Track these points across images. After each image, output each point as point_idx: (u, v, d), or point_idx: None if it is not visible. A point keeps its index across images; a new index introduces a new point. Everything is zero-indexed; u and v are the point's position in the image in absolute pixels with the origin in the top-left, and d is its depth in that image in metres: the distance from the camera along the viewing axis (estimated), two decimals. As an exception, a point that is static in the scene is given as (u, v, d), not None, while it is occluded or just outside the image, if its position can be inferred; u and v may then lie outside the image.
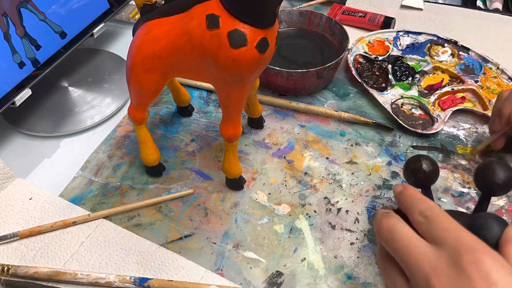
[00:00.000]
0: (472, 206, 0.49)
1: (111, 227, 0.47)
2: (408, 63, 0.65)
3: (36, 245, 0.46)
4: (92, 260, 0.44)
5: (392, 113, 0.57)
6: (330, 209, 0.49)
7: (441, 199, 0.49)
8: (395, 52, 0.66)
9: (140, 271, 0.43)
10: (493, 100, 0.59)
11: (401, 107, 0.59)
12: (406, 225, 0.32)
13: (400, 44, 0.67)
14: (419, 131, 0.55)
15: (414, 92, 0.61)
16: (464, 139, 0.56)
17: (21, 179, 0.51)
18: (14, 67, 0.52)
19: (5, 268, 0.43)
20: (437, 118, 0.57)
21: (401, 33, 0.68)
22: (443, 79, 0.63)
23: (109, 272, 0.44)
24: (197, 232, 0.48)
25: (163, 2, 0.42)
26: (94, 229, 0.47)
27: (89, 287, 0.43)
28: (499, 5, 0.77)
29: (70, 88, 0.64)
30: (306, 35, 0.68)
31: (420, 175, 0.40)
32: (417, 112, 0.59)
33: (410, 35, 0.68)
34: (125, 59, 0.51)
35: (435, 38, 0.67)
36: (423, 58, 0.65)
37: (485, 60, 0.63)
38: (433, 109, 0.58)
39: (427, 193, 0.41)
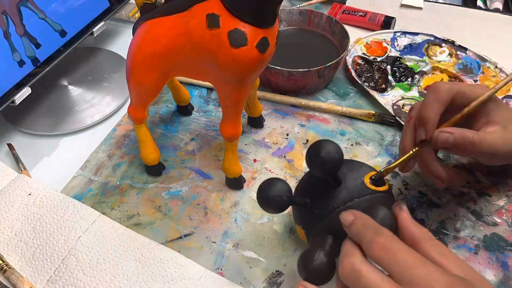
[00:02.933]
0: (472, 206, 0.49)
1: (109, 223, 0.47)
2: (407, 63, 0.65)
3: (36, 241, 0.46)
4: (90, 256, 0.44)
5: (394, 114, 0.57)
6: (330, 208, 0.49)
7: (441, 199, 0.50)
8: (393, 53, 0.66)
9: (139, 268, 0.43)
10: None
11: (402, 108, 0.59)
12: (370, 267, 0.30)
13: (397, 45, 0.68)
14: None
15: (414, 92, 0.61)
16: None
17: (21, 175, 0.51)
18: (13, 66, 0.52)
19: (4, 268, 0.43)
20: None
21: (398, 34, 0.68)
22: (442, 79, 0.63)
23: (107, 268, 0.43)
24: (197, 231, 0.48)
25: (163, 1, 0.42)
26: (92, 224, 0.46)
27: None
28: (499, 5, 0.77)
29: (70, 87, 0.64)
30: (306, 35, 0.68)
31: (327, 166, 0.36)
32: (418, 112, 0.59)
33: (407, 35, 0.68)
34: (125, 58, 0.51)
35: (432, 38, 0.67)
36: (421, 59, 0.65)
37: (483, 60, 0.64)
38: (433, 109, 0.58)
39: (336, 178, 0.38)
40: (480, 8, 0.78)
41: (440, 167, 0.42)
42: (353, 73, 0.63)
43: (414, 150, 0.42)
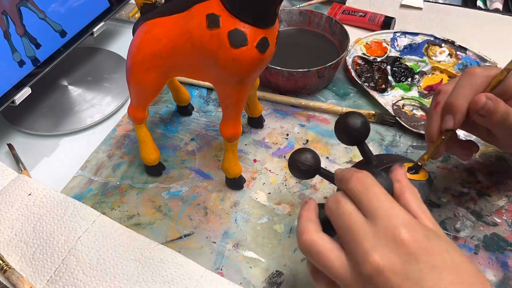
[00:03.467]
0: (472, 206, 0.49)
1: (109, 223, 0.47)
2: (407, 64, 0.65)
3: (36, 241, 0.46)
4: (90, 256, 0.44)
5: (394, 115, 0.57)
6: (330, 208, 0.49)
7: (441, 199, 0.50)
8: (393, 53, 0.66)
9: (139, 268, 0.43)
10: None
11: (402, 108, 0.59)
12: (348, 201, 0.33)
13: (397, 45, 0.68)
14: (422, 132, 0.55)
15: (414, 93, 0.61)
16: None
17: (21, 175, 0.51)
18: (13, 66, 0.52)
19: (4, 268, 0.43)
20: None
21: (398, 34, 0.68)
22: (442, 79, 0.63)
23: (107, 268, 0.43)
24: (197, 231, 0.48)
25: (163, 1, 0.42)
26: (92, 224, 0.46)
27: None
28: (499, 5, 0.77)
29: (70, 87, 0.64)
30: (306, 35, 0.68)
31: (353, 133, 0.41)
32: (419, 113, 0.59)
33: (407, 35, 0.68)
34: (125, 58, 0.51)
35: (432, 39, 0.67)
36: (421, 59, 0.65)
37: (483, 60, 0.64)
38: (433, 109, 0.58)
39: (363, 148, 0.42)
40: (480, 8, 0.78)
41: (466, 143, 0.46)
42: (353, 73, 0.63)
43: (443, 138, 0.41)
